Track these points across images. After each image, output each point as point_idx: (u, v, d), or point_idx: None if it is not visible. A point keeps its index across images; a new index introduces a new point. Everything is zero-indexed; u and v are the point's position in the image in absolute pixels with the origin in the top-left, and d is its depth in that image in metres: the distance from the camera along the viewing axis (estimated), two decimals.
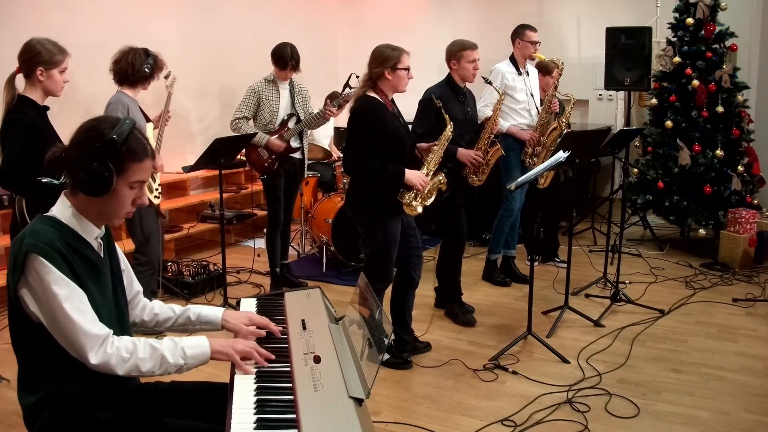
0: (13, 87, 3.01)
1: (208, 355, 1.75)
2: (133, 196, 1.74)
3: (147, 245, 3.93)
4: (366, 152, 3.22)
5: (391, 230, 3.33)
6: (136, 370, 1.67)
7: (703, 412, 3.02)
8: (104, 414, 1.70)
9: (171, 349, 1.71)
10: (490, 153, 4.10)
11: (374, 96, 3.29)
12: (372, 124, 3.22)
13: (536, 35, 4.55)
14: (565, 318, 4.07)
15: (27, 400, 1.70)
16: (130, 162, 1.68)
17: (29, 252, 1.60)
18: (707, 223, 5.46)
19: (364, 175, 3.28)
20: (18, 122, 2.94)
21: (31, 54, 2.99)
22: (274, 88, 4.52)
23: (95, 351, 1.61)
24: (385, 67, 3.25)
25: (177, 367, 1.72)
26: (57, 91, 3.08)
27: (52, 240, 1.63)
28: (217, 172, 4.26)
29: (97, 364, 1.62)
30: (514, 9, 7.11)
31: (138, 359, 1.66)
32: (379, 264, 3.35)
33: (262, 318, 1.99)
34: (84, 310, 1.62)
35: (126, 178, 1.69)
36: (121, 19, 5.38)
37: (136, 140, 1.70)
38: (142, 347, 1.68)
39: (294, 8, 7.40)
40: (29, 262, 1.60)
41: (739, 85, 5.43)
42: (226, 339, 1.82)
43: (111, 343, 1.64)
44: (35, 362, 1.69)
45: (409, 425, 2.91)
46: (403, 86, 3.34)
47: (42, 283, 1.59)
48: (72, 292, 1.62)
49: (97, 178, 1.65)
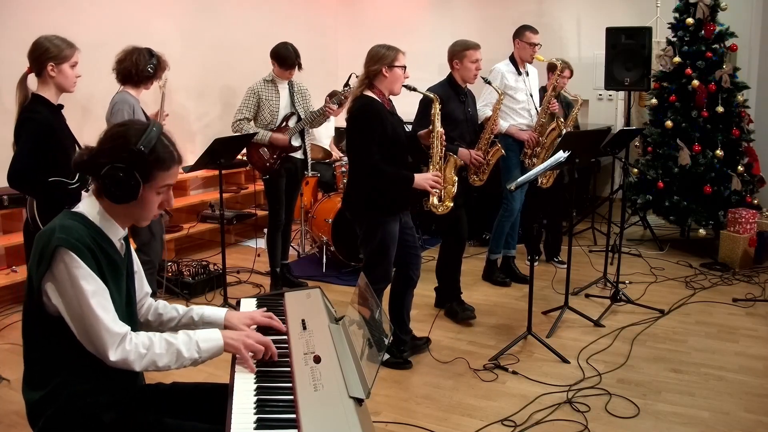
0: (25, 87, 2.99)
1: (222, 347, 1.77)
2: (160, 200, 1.77)
3: (148, 245, 3.93)
4: (369, 152, 3.21)
5: (390, 230, 3.33)
6: (153, 365, 1.68)
7: (703, 412, 3.02)
8: (107, 415, 1.71)
9: (186, 343, 1.73)
10: (491, 153, 4.10)
11: (371, 95, 3.30)
12: (371, 123, 3.22)
13: (537, 37, 4.53)
14: (565, 318, 4.07)
15: (32, 396, 1.71)
16: (157, 170, 1.71)
17: (59, 246, 1.61)
18: (707, 223, 5.46)
19: (370, 175, 3.27)
20: (30, 121, 2.93)
21: (40, 51, 2.98)
22: (274, 88, 4.53)
23: (115, 348, 1.63)
24: (382, 64, 3.26)
25: (192, 360, 1.73)
26: (69, 87, 3.06)
27: (82, 236, 1.65)
28: (217, 172, 4.26)
29: (116, 360, 1.63)
30: (514, 9, 7.11)
31: (155, 354, 1.68)
32: (378, 264, 3.36)
33: (264, 317, 1.99)
34: (108, 307, 1.65)
35: (153, 185, 1.72)
36: (121, 19, 5.38)
37: (163, 147, 1.72)
38: (158, 342, 1.70)
39: (294, 8, 7.40)
40: (58, 256, 1.61)
41: (739, 85, 5.43)
42: (239, 332, 1.84)
43: (129, 340, 1.66)
44: (44, 358, 1.70)
45: (408, 425, 2.91)
46: (399, 85, 3.34)
47: (70, 277, 1.61)
48: (98, 288, 1.64)
49: (124, 187, 1.67)
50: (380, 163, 3.22)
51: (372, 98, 3.29)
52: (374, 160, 3.22)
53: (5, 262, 4.56)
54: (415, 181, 3.28)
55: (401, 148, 3.35)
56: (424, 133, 3.52)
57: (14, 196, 4.47)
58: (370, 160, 3.22)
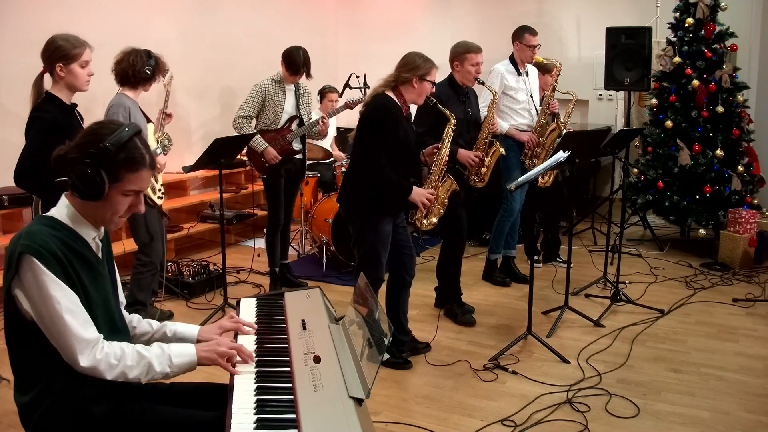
0: (40, 86, 2.99)
1: (194, 362, 1.77)
2: (127, 204, 1.74)
3: (150, 245, 3.93)
4: (376, 152, 3.21)
5: (383, 230, 3.33)
6: (123, 377, 1.68)
7: (703, 412, 3.02)
8: (98, 408, 1.71)
9: (158, 356, 1.72)
10: (490, 153, 4.10)
11: (392, 97, 3.30)
12: (385, 124, 3.22)
13: (536, 39, 4.52)
14: (565, 318, 4.07)
15: (21, 400, 1.71)
16: (124, 171, 1.68)
17: (23, 253, 1.61)
18: (707, 223, 5.46)
19: (371, 176, 3.26)
20: (37, 120, 2.92)
21: (50, 51, 2.97)
22: (280, 88, 4.52)
23: (85, 354, 1.63)
24: (414, 74, 3.27)
25: (163, 374, 1.73)
26: (81, 86, 3.04)
27: (47, 242, 1.63)
28: (217, 172, 4.26)
29: (85, 367, 1.63)
30: (514, 9, 7.11)
31: (125, 366, 1.68)
32: (370, 264, 3.35)
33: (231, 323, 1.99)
34: (76, 312, 1.63)
35: (120, 186, 1.69)
36: (121, 19, 5.38)
37: (134, 149, 1.69)
38: (130, 354, 1.69)
39: (294, 8, 7.40)
40: (23, 263, 1.61)
41: (739, 85, 5.43)
42: (210, 343, 1.82)
43: (101, 348, 1.66)
44: (28, 361, 1.70)
45: (408, 425, 2.91)
46: (423, 98, 3.36)
47: (35, 284, 1.60)
48: (64, 294, 1.62)
49: (89, 183, 1.65)
50: (385, 167, 3.22)
51: (392, 100, 3.29)
52: (380, 162, 3.21)
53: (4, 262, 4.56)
54: (411, 195, 3.32)
55: (408, 154, 3.36)
56: (428, 152, 3.55)
57: (14, 196, 4.47)
58: (376, 161, 3.22)
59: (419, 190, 3.37)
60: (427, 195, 3.40)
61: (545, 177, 4.76)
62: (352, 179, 3.40)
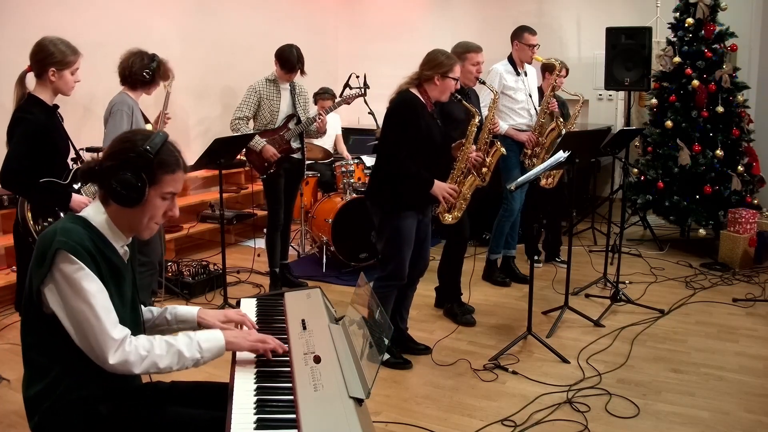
0: (23, 86, 2.99)
1: (223, 346, 1.77)
2: (164, 208, 1.77)
3: (147, 245, 3.93)
4: (397, 147, 3.25)
5: (405, 224, 3.34)
6: (155, 367, 1.68)
7: (703, 412, 3.02)
8: (104, 407, 1.71)
9: (187, 344, 1.73)
10: (491, 153, 4.10)
11: (416, 93, 3.32)
12: (406, 119, 3.25)
13: (535, 39, 4.53)
14: (565, 318, 4.07)
15: (29, 392, 1.72)
16: (162, 173, 1.72)
17: (60, 249, 1.62)
18: (707, 223, 5.46)
19: (393, 169, 3.29)
20: (22, 122, 2.92)
21: (43, 54, 2.97)
22: (275, 88, 4.52)
23: (114, 351, 1.63)
24: (437, 72, 3.29)
25: (194, 361, 1.73)
26: (67, 91, 3.06)
27: (82, 239, 1.65)
28: (217, 172, 4.26)
29: (115, 363, 1.63)
30: (514, 9, 7.11)
31: (155, 356, 1.68)
32: (390, 258, 3.36)
33: (238, 314, 2.00)
34: (109, 309, 1.65)
35: (158, 189, 1.73)
36: (121, 19, 5.38)
37: (168, 152, 1.75)
38: (158, 344, 1.70)
39: (294, 8, 7.40)
40: (58, 259, 1.62)
41: (739, 85, 5.43)
42: (239, 331, 1.84)
43: (129, 342, 1.66)
44: (41, 355, 1.70)
45: (409, 425, 2.91)
46: (448, 95, 3.38)
47: (72, 279, 1.61)
48: (100, 290, 1.64)
49: (131, 188, 1.68)
50: (406, 160, 3.25)
51: (414, 96, 3.31)
52: (400, 156, 3.24)
53: (5, 262, 4.56)
54: (433, 189, 3.34)
55: (433, 149, 3.37)
56: (456, 145, 3.60)
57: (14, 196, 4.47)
58: (397, 155, 3.25)
59: (441, 184, 3.39)
60: (449, 189, 3.41)
61: (549, 178, 4.76)
62: (377, 173, 3.42)
